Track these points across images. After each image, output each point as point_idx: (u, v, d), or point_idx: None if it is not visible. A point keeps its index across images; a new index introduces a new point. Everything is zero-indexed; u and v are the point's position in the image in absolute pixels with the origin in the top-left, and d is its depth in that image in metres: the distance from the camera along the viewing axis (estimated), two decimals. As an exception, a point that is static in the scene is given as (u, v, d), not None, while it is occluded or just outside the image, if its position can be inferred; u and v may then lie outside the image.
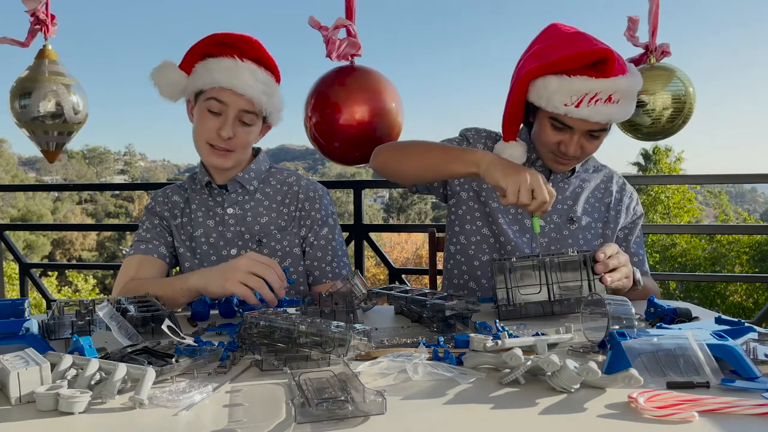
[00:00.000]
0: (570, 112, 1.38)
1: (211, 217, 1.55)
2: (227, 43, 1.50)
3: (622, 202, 1.61)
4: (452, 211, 1.63)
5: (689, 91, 2.06)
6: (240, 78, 1.44)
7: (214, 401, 0.76)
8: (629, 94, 1.41)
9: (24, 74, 2.28)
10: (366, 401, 0.70)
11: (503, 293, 1.22)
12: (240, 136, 1.48)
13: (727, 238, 15.16)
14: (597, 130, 1.43)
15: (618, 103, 1.38)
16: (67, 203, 36.34)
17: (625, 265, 1.26)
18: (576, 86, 1.37)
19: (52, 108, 2.23)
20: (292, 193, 1.58)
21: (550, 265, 1.23)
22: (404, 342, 1.01)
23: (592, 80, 1.36)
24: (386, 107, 2.06)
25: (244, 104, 1.46)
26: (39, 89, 2.22)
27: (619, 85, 1.37)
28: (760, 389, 0.77)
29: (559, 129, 1.44)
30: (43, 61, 2.28)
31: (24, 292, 2.85)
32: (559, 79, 1.38)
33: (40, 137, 2.30)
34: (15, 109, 2.26)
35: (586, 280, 1.23)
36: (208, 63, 1.48)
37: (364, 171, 35.95)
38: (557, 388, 0.78)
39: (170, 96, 1.53)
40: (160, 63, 1.53)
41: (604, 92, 1.36)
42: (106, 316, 0.95)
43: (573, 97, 1.37)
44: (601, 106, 1.37)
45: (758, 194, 75.84)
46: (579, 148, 1.45)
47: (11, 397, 0.74)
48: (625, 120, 1.50)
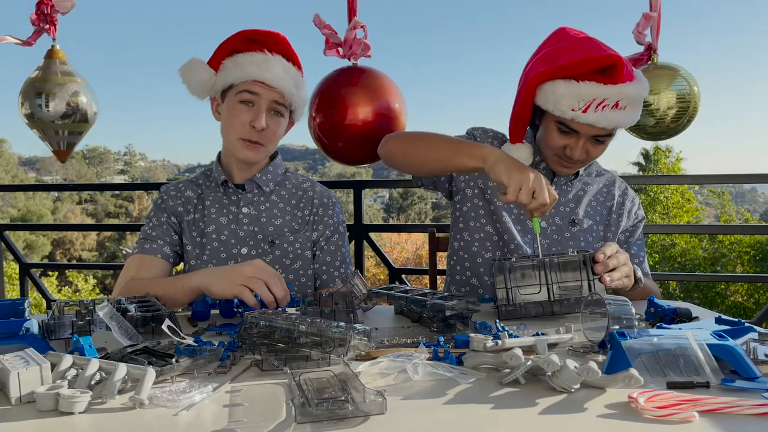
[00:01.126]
0: (577, 117, 1.38)
1: (225, 215, 1.56)
2: (255, 39, 1.51)
3: (624, 206, 1.62)
4: (457, 208, 1.64)
5: (694, 90, 2.05)
6: (271, 71, 1.47)
7: (214, 401, 0.76)
8: (636, 100, 1.41)
9: (34, 74, 2.28)
10: (366, 401, 0.70)
11: (503, 293, 1.22)
12: (271, 127, 1.50)
13: (728, 238, 15.15)
14: (603, 136, 1.44)
15: (625, 109, 1.38)
16: (67, 203, 36.33)
17: (625, 264, 1.26)
18: (584, 92, 1.37)
19: (63, 108, 2.24)
20: (306, 198, 1.61)
21: (550, 265, 1.23)
22: (404, 342, 1.01)
23: (601, 86, 1.36)
24: (390, 108, 2.06)
25: (275, 96, 1.48)
26: (50, 89, 2.23)
27: (626, 92, 1.37)
28: (760, 389, 0.77)
29: (565, 133, 1.44)
30: (53, 62, 2.29)
31: (24, 292, 2.85)
32: (567, 84, 1.38)
33: (52, 137, 2.32)
34: (26, 110, 2.27)
35: (586, 280, 1.23)
36: (237, 58, 1.49)
37: (364, 171, 35.95)
38: (557, 388, 0.78)
39: (199, 93, 1.54)
40: (188, 60, 1.54)
41: (611, 98, 1.37)
42: (107, 316, 0.95)
43: (581, 102, 1.37)
44: (608, 112, 1.37)
45: (758, 194, 75.80)
46: (584, 153, 1.46)
47: (11, 397, 0.74)
48: (631, 126, 1.50)
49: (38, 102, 2.23)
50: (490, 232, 1.58)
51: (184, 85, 1.53)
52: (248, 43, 1.51)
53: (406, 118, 2.13)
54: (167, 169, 74.44)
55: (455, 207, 1.65)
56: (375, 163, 2.21)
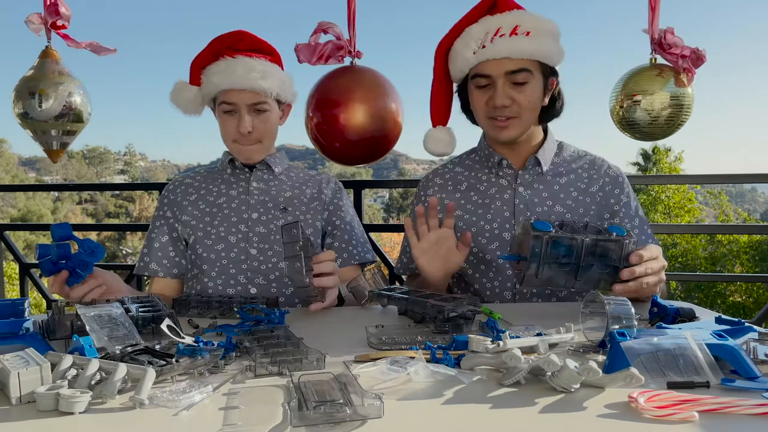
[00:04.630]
0: (479, 56, 1.40)
1: (234, 189, 1.62)
2: (220, 44, 1.58)
3: (606, 187, 1.53)
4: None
5: (687, 92, 2.06)
6: (233, 75, 1.52)
7: (214, 401, 0.76)
8: (539, 29, 1.40)
9: (28, 74, 2.28)
10: (364, 405, 0.69)
11: (534, 267, 1.15)
12: (258, 126, 1.57)
13: (727, 237, 15.15)
14: (517, 72, 1.40)
15: (528, 35, 1.38)
16: (67, 203, 36.31)
17: (655, 274, 1.17)
18: (476, 31, 1.41)
19: (57, 108, 2.24)
20: (314, 181, 1.68)
21: (587, 247, 1.14)
22: (406, 341, 1.01)
23: (488, 18, 1.41)
24: (387, 107, 2.06)
25: (249, 97, 1.54)
26: (44, 89, 2.22)
27: (520, 18, 1.39)
28: (760, 389, 0.77)
29: (483, 87, 1.44)
30: (47, 61, 2.29)
31: (24, 292, 2.85)
32: (463, 35, 1.44)
33: (44, 137, 2.31)
34: (19, 109, 2.26)
35: (614, 268, 1.16)
36: (208, 70, 1.57)
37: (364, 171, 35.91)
38: (557, 387, 0.78)
39: (193, 112, 1.64)
40: (173, 86, 1.63)
41: (505, 26, 1.38)
42: (90, 321, 0.93)
43: (477, 41, 1.40)
44: (506, 40, 1.38)
45: (758, 194, 75.79)
46: (507, 98, 1.41)
47: (11, 397, 0.74)
48: (552, 59, 1.44)
49: (30, 102, 2.23)
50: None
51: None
52: (213, 51, 1.58)
53: (402, 118, 2.13)
54: (167, 169, 74.45)
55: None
56: (372, 162, 2.22)
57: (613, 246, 1.15)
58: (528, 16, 1.40)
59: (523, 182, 1.52)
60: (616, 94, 2.15)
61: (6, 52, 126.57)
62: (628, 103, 2.10)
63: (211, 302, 1.28)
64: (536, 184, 1.52)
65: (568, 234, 1.15)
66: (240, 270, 1.52)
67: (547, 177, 1.52)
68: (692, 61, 2.02)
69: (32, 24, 2.27)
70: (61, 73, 2.28)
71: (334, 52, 2.07)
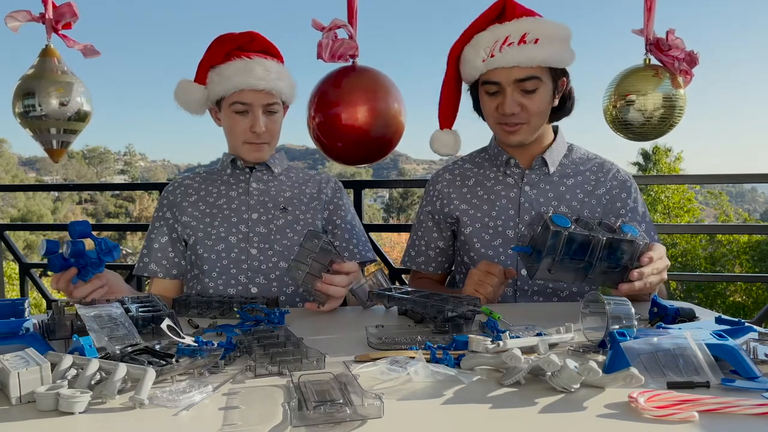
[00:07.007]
0: (489, 64, 1.41)
1: (234, 189, 1.63)
2: (231, 44, 1.57)
3: (613, 190, 1.53)
4: (461, 231, 1.58)
5: (680, 92, 2.07)
6: (254, 75, 1.52)
7: (213, 401, 0.76)
8: (548, 35, 1.39)
9: (29, 73, 2.27)
10: (364, 405, 0.69)
11: (549, 260, 1.14)
12: (270, 126, 1.59)
13: (727, 237, 15.15)
14: (527, 79, 1.40)
15: (537, 43, 1.37)
16: (67, 203, 36.32)
17: (658, 274, 1.18)
18: (485, 39, 1.41)
19: (57, 107, 2.24)
20: (314, 181, 1.69)
21: (604, 245, 1.14)
22: (406, 341, 1.01)
23: (497, 26, 1.41)
24: (389, 107, 2.06)
25: (265, 98, 1.55)
26: (44, 88, 2.22)
27: (528, 26, 1.38)
28: (760, 389, 0.77)
29: (493, 94, 1.45)
30: (47, 60, 2.28)
31: (24, 292, 2.85)
32: (473, 42, 1.44)
33: (44, 136, 2.31)
34: (19, 108, 2.26)
35: (623, 267, 1.16)
36: (220, 69, 1.56)
37: (364, 171, 35.91)
38: (557, 387, 0.78)
39: (197, 111, 1.64)
40: (177, 84, 1.62)
41: (513, 34, 1.38)
42: (90, 320, 0.94)
43: (486, 49, 1.40)
44: (515, 49, 1.38)
45: (758, 194, 75.81)
46: (517, 105, 1.42)
47: (11, 397, 0.74)
48: (562, 63, 1.44)
49: (30, 101, 2.22)
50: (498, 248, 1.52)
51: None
52: (225, 50, 1.57)
53: (405, 118, 2.13)
54: (167, 169, 74.49)
55: (459, 231, 1.59)
56: (374, 162, 2.21)
57: (627, 247, 1.16)
58: (538, 22, 1.40)
59: (530, 182, 1.54)
60: (610, 94, 2.16)
61: (6, 52, 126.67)
62: (621, 104, 2.11)
63: (211, 302, 1.29)
64: (542, 184, 1.54)
65: (586, 231, 1.14)
66: (240, 270, 1.52)
67: (553, 177, 1.54)
68: (687, 63, 2.02)
69: (14, 21, 2.19)
70: (61, 72, 2.27)
71: (347, 50, 2.07)
